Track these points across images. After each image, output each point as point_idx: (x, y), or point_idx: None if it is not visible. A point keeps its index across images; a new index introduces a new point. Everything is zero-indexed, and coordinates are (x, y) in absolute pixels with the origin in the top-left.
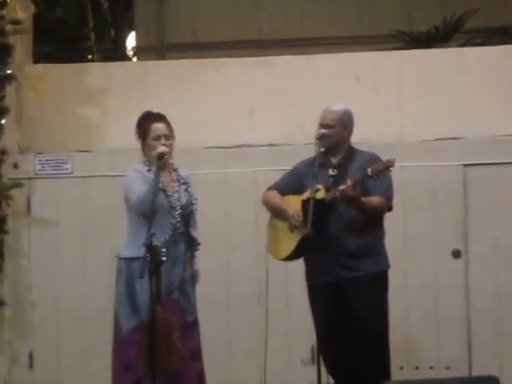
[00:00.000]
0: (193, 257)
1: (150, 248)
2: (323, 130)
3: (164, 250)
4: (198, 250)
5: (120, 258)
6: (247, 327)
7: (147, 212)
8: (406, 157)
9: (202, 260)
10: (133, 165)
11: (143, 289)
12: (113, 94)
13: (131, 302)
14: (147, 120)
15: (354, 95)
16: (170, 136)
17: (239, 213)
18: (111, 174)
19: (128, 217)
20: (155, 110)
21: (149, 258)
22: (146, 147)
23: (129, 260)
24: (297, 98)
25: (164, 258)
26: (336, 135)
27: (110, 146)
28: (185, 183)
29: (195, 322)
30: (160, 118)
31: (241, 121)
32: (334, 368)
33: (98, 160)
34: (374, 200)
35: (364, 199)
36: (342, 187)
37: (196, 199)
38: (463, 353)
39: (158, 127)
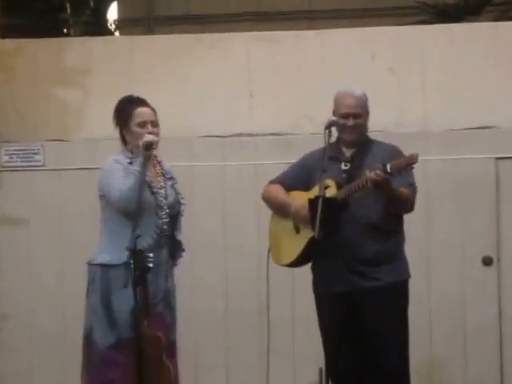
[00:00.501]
0: (174, 265)
1: (135, 253)
2: (333, 118)
3: (151, 255)
4: (181, 257)
5: (93, 265)
6: (246, 344)
7: (132, 210)
8: (429, 149)
9: (196, 265)
10: (111, 156)
11: (121, 300)
12: (93, 73)
13: (108, 316)
14: (130, 104)
15: (369, 76)
16: (156, 123)
17: (238, 211)
18: (90, 166)
19: (104, 216)
20: (143, 92)
21: (133, 265)
22: (128, 135)
23: (105, 267)
24: (304, 79)
25: (151, 265)
26: (365, 124)
27: (89, 135)
28: (170, 178)
29: (175, 344)
30: (144, 102)
31: (239, 106)
32: None
33: (76, 150)
34: (404, 191)
35: (395, 186)
36: (372, 170)
37: (183, 198)
38: (494, 373)
39: (144, 112)
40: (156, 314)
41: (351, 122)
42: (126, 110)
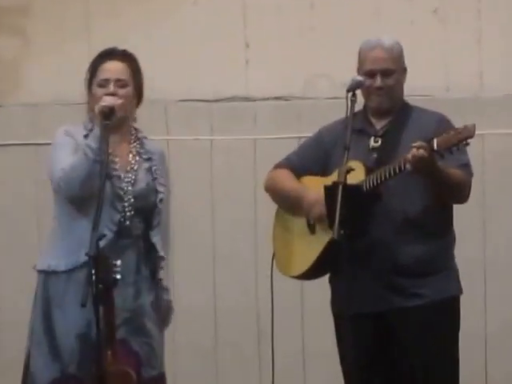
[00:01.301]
0: (157, 277)
1: (97, 260)
2: (359, 77)
3: (118, 262)
4: (160, 267)
5: (37, 271)
6: (243, 380)
7: (77, 195)
8: (486, 120)
9: (174, 280)
10: (64, 126)
11: (64, 320)
12: (35, 15)
13: (49, 341)
14: (100, 58)
15: (406, 21)
16: (127, 82)
17: (230, 202)
18: (30, 141)
19: (55, 207)
20: (101, 42)
21: (94, 276)
22: (90, 99)
23: (45, 275)
24: (318, 24)
25: (119, 276)
26: (398, 85)
27: (32, 99)
28: (149, 159)
29: (159, 380)
30: (115, 54)
31: (232, 60)
32: None
33: (13, 119)
34: (457, 172)
35: (444, 166)
36: (415, 145)
37: (165, 186)
38: None
39: (108, 67)
40: (116, 342)
41: (379, 82)
42: (92, 66)
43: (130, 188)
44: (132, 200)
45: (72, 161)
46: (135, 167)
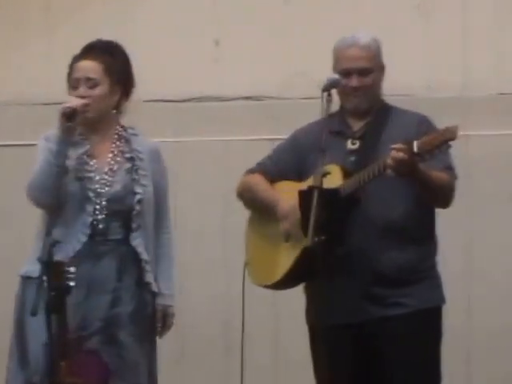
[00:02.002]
0: (146, 283)
1: (48, 266)
2: (335, 76)
3: (72, 269)
4: (146, 271)
5: (20, 277)
6: None
7: (47, 203)
8: (472, 120)
9: None
10: (49, 130)
11: (35, 329)
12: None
13: (20, 349)
14: (76, 56)
15: (387, 17)
16: (98, 81)
17: (197, 209)
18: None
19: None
20: (62, 35)
21: (46, 283)
22: None
23: (22, 280)
24: (294, 20)
25: (72, 284)
26: (376, 85)
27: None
28: (131, 159)
29: None
30: (94, 51)
31: (201, 57)
32: None
33: None
34: (441, 175)
35: (426, 169)
36: (394, 147)
37: (145, 186)
38: None
39: (79, 67)
40: (85, 353)
41: (355, 82)
42: (70, 65)
43: (103, 190)
44: (104, 202)
45: (36, 169)
46: (114, 168)
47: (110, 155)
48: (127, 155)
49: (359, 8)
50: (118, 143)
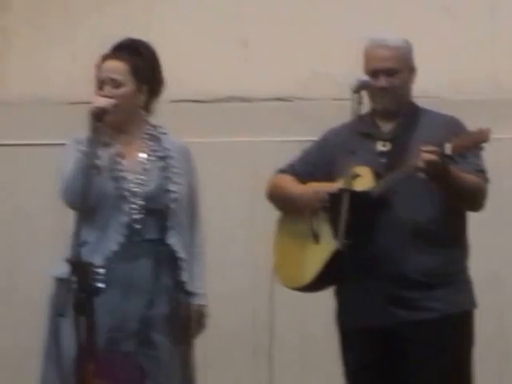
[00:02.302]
0: (180, 282)
1: (76, 267)
2: (365, 77)
3: (102, 270)
4: (180, 269)
5: (53, 279)
6: None
7: (77, 204)
8: (501, 123)
9: None
10: (77, 132)
11: (71, 332)
12: (16, 12)
13: (55, 351)
14: (103, 56)
15: (416, 19)
16: (122, 81)
17: (225, 210)
18: (11, 141)
19: None
20: (88, 37)
21: (75, 284)
22: None
23: (57, 282)
24: (323, 20)
25: (101, 285)
26: (404, 86)
27: (10, 97)
28: (164, 157)
29: None
30: (121, 51)
31: (229, 58)
32: None
33: None
34: (472, 178)
35: (458, 171)
36: (424, 149)
37: (180, 185)
38: None
39: (105, 67)
40: (119, 356)
41: (383, 82)
42: (97, 65)
43: (138, 189)
44: (141, 202)
45: (70, 170)
46: (147, 167)
47: (142, 154)
48: (159, 154)
49: (387, 9)
50: (148, 142)
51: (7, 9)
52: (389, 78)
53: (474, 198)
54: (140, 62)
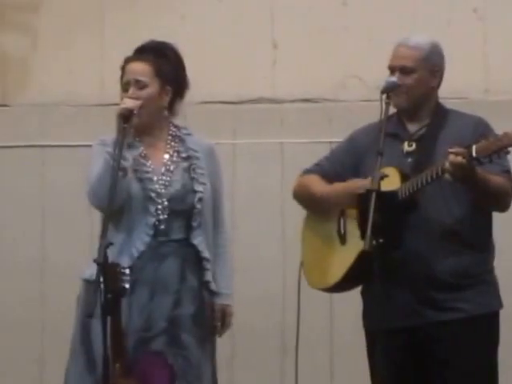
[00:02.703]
0: (206, 282)
1: (104, 268)
2: (393, 78)
3: (127, 271)
4: (206, 269)
5: (82, 280)
6: None
7: (105, 206)
8: None
9: None
10: (103, 135)
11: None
12: (44, 12)
13: (86, 353)
14: (127, 58)
15: (445, 20)
16: (146, 83)
17: (254, 210)
18: (40, 142)
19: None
20: (116, 39)
21: (102, 285)
22: None
23: (87, 284)
24: (351, 22)
25: (127, 286)
26: (418, 85)
27: (41, 99)
28: (188, 158)
29: None
30: (140, 53)
31: (258, 60)
32: None
33: (21, 120)
34: (498, 179)
35: (484, 173)
36: (452, 151)
37: (205, 184)
38: None
39: (129, 69)
40: (150, 354)
41: (390, 80)
42: (121, 67)
43: (163, 190)
44: (166, 203)
45: (97, 172)
46: (171, 168)
47: (166, 155)
48: (183, 154)
49: (416, 11)
50: (172, 143)
51: (36, 10)
52: (403, 76)
53: (501, 199)
54: (164, 64)
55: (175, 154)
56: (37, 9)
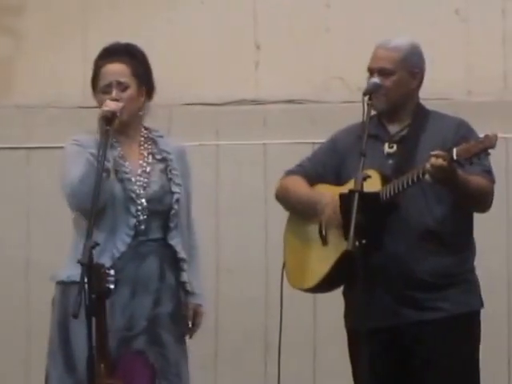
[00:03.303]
0: (182, 282)
1: (89, 268)
2: (375, 79)
3: (112, 271)
4: (182, 269)
5: (56, 283)
6: None
7: (88, 207)
8: (511, 123)
9: None
10: (76, 134)
11: (82, 335)
12: (29, 13)
13: (66, 355)
14: (101, 59)
15: (427, 22)
16: (127, 83)
17: (237, 210)
18: (24, 144)
19: (73, 218)
20: (99, 41)
21: (86, 286)
22: (98, 104)
23: (63, 286)
24: (334, 24)
25: (112, 286)
26: (397, 87)
27: (24, 101)
28: (163, 160)
29: None
30: (116, 54)
31: (241, 61)
32: None
33: (4, 122)
34: (479, 180)
35: (465, 175)
36: (434, 154)
37: (181, 186)
38: None
39: (108, 71)
40: (132, 354)
41: (371, 81)
42: (94, 68)
43: (142, 191)
44: (145, 203)
45: (80, 173)
46: (147, 169)
47: (141, 157)
48: (158, 156)
49: (399, 12)
50: (146, 145)
51: (20, 12)
52: (382, 78)
53: (482, 200)
54: (137, 65)
55: (150, 156)
56: (21, 11)
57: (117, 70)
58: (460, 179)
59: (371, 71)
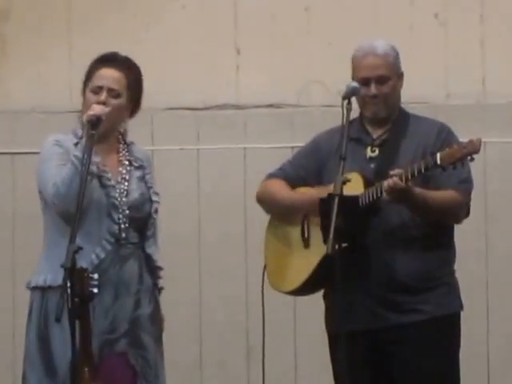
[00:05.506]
0: (156, 287)
1: (73, 273)
2: (354, 83)
3: (95, 276)
4: (159, 277)
5: (30, 289)
6: None
7: (71, 211)
8: (489, 127)
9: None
10: (55, 134)
11: (63, 338)
12: (14, 17)
13: (45, 360)
14: (98, 63)
15: (406, 26)
16: (120, 93)
17: (218, 214)
18: (9, 149)
19: (45, 221)
20: (85, 45)
21: (70, 290)
22: (83, 104)
23: (41, 291)
24: (313, 29)
25: (95, 290)
26: (394, 92)
27: (9, 106)
28: (140, 167)
29: None
30: (114, 61)
31: (222, 66)
32: None
33: None
34: (444, 195)
35: (424, 193)
36: (392, 174)
37: (158, 194)
38: None
39: (103, 74)
40: (115, 356)
41: (373, 90)
42: (89, 70)
43: (124, 198)
44: (127, 211)
45: (63, 175)
46: (126, 177)
47: (120, 164)
48: (135, 164)
49: (378, 16)
50: (123, 152)
51: (5, 17)
52: (379, 86)
53: (448, 215)
54: (134, 81)
55: (127, 163)
56: (6, 16)
57: (114, 76)
58: (417, 198)
59: (367, 80)
